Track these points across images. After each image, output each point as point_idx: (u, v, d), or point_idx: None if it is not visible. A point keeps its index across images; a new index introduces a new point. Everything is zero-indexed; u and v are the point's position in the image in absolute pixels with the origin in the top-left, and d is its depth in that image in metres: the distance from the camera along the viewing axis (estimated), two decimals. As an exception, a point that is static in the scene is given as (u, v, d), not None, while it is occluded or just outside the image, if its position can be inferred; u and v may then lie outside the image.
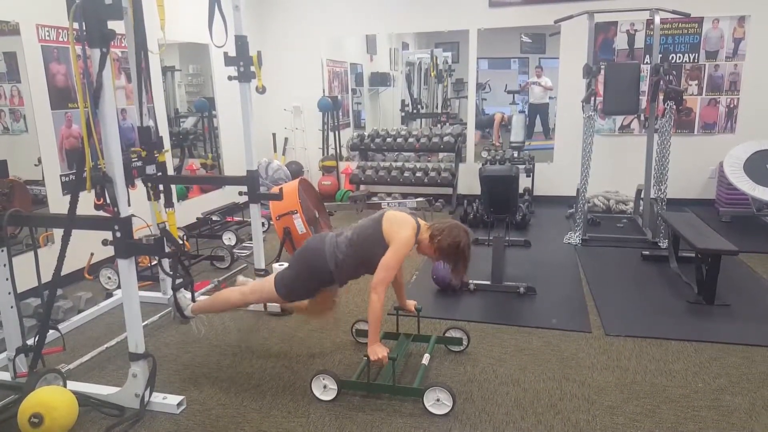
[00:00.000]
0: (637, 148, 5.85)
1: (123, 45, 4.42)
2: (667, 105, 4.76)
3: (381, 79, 8.50)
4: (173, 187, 4.25)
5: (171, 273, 2.94)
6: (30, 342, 2.70)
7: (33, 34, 3.98)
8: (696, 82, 6.14)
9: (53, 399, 2.41)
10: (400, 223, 2.67)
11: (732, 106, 6.11)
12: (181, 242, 4.48)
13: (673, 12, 4.99)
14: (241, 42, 3.48)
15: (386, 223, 2.69)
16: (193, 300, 3.09)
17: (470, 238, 2.72)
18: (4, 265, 2.66)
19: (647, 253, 4.71)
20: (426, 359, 2.86)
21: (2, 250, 2.64)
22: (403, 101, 8.64)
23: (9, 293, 2.70)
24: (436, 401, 2.57)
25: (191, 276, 3.04)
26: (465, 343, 3.15)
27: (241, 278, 3.18)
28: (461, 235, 2.68)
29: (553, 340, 3.29)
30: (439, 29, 6.91)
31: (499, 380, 2.86)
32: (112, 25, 2.26)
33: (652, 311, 3.66)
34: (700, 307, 3.68)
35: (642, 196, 5.44)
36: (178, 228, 3.80)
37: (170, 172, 3.32)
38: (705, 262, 3.71)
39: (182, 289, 3.10)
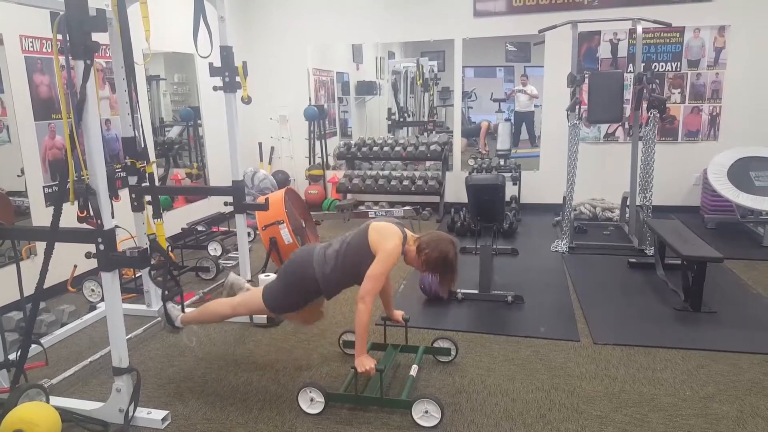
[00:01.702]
0: (622, 155, 5.90)
1: (107, 55, 4.39)
2: (651, 113, 4.81)
3: (367, 88, 8.52)
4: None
5: (160, 284, 2.90)
6: (12, 357, 2.65)
7: (16, 45, 3.94)
8: (679, 90, 6.22)
9: (36, 415, 2.36)
10: (385, 234, 2.66)
11: (714, 113, 6.19)
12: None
13: (655, 22, 5.05)
14: (226, 52, 3.47)
15: (372, 233, 2.67)
16: (183, 311, 3.05)
17: (457, 250, 2.72)
18: (-15, 280, 2.61)
19: (634, 260, 4.74)
20: (414, 370, 2.85)
21: (-18, 264, 2.59)
22: (389, 110, 8.66)
23: (-11, 308, 2.65)
24: (425, 413, 2.55)
25: (180, 286, 3.03)
26: (453, 353, 3.14)
27: (232, 275, 3.15)
28: (449, 247, 2.68)
29: (541, 349, 3.29)
30: (425, 38, 6.95)
31: (487, 391, 2.85)
32: (96, 36, 2.24)
33: (640, 319, 3.68)
34: (687, 315, 3.71)
35: (628, 203, 5.48)
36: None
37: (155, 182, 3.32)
38: (691, 269, 3.74)
39: (170, 300, 3.07)
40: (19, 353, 2.58)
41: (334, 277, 2.72)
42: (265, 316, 3.68)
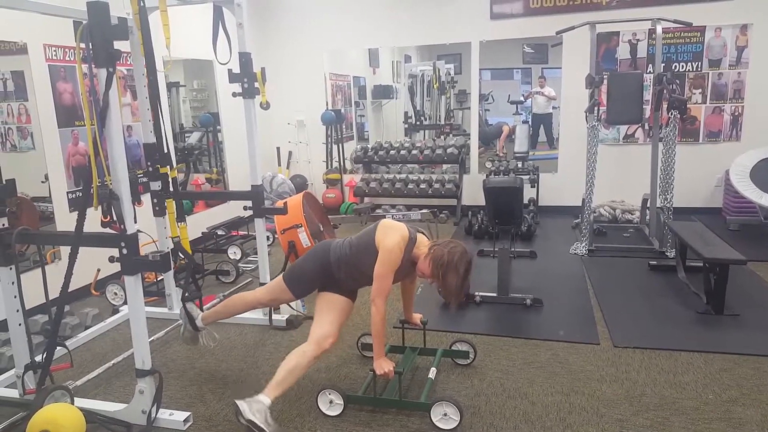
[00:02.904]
0: (641, 157, 5.84)
1: (128, 63, 4.47)
2: (671, 114, 4.76)
3: (384, 92, 8.56)
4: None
5: (183, 285, 2.98)
6: (38, 359, 2.70)
7: (40, 53, 4.03)
8: (700, 90, 6.14)
9: (61, 416, 2.41)
10: (389, 231, 2.63)
11: (737, 113, 6.10)
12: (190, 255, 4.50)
13: (675, 21, 5.00)
14: (245, 59, 3.51)
15: (379, 230, 2.66)
16: (202, 310, 3.10)
17: (468, 262, 2.59)
18: (13, 283, 2.67)
19: (654, 263, 4.68)
20: (432, 373, 2.85)
21: (11, 268, 2.65)
22: (406, 113, 8.69)
23: (17, 310, 2.71)
24: (444, 416, 2.55)
25: (200, 289, 3.09)
26: (472, 356, 3.13)
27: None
28: (458, 256, 2.55)
29: (560, 352, 3.27)
30: (442, 42, 6.95)
31: (506, 394, 2.84)
32: (118, 44, 2.29)
33: (661, 322, 3.63)
34: (709, 318, 3.65)
35: (648, 205, 5.42)
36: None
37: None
38: (713, 271, 3.69)
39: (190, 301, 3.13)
40: (44, 355, 2.64)
41: (346, 265, 2.71)
42: (285, 319, 3.72)
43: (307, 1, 7.09)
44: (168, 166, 3.18)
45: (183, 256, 3.03)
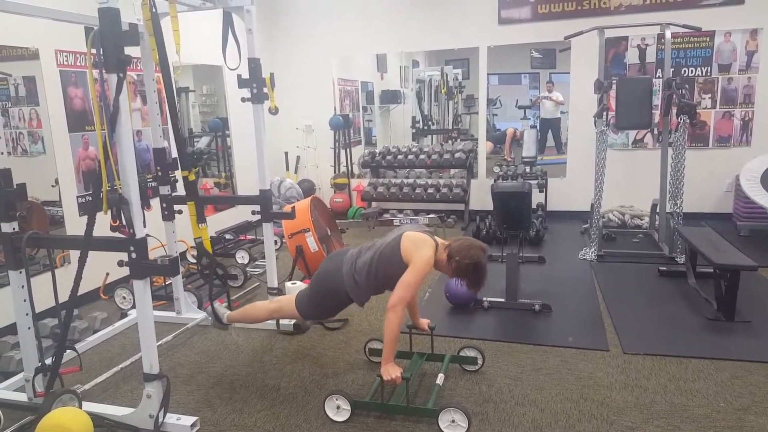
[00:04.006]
0: (651, 162, 5.81)
1: (138, 68, 4.50)
2: (681, 119, 4.73)
3: (391, 97, 8.57)
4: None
5: (208, 284, 3.13)
6: (47, 362, 2.71)
7: (52, 59, 4.07)
8: (709, 95, 6.10)
9: (69, 420, 2.42)
10: (419, 244, 2.69)
11: (747, 118, 6.06)
12: (194, 261, 4.52)
13: (684, 26, 4.98)
14: (254, 64, 3.52)
15: (406, 242, 2.70)
16: (230, 308, 3.22)
17: (487, 255, 2.74)
18: (23, 287, 2.69)
19: (664, 268, 4.64)
20: (440, 379, 2.83)
21: (21, 272, 2.67)
22: (413, 118, 8.69)
23: (27, 314, 2.72)
24: (451, 422, 2.53)
25: (227, 286, 3.31)
26: (480, 362, 3.11)
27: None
28: (479, 254, 2.70)
29: (569, 358, 3.25)
30: (449, 47, 6.95)
31: (515, 400, 2.82)
32: (128, 50, 2.30)
33: (671, 328, 3.60)
34: (719, 324, 3.62)
35: (658, 210, 5.38)
36: (192, 246, 3.83)
37: (182, 191, 3.36)
38: (724, 277, 3.65)
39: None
40: (53, 359, 2.65)
41: (364, 287, 2.77)
42: (292, 323, 3.72)
43: (316, 8, 7.12)
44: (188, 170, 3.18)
45: (195, 259, 3.09)
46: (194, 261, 4.44)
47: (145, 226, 2.48)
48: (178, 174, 3.28)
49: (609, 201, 5.97)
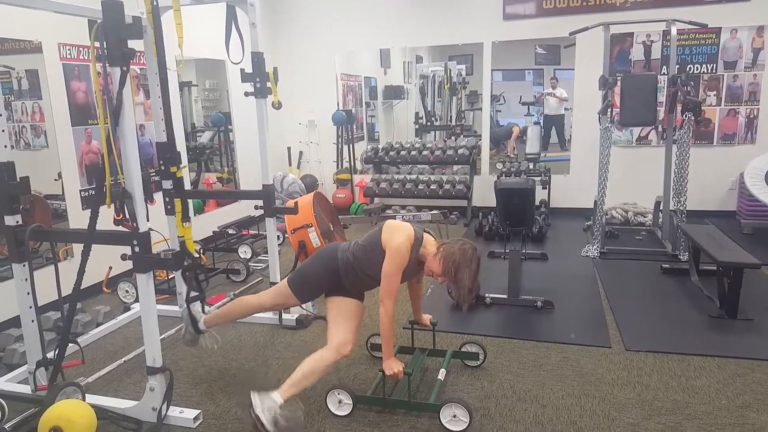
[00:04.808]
0: (655, 159, 5.79)
1: (142, 62, 4.50)
2: (686, 116, 4.71)
3: (395, 92, 8.56)
4: (190, 201, 4.29)
5: (188, 286, 2.93)
6: (50, 355, 2.72)
7: (55, 52, 4.06)
8: (714, 92, 6.08)
9: (72, 412, 2.42)
10: (394, 231, 2.63)
11: (752, 116, 6.03)
12: (197, 256, 4.52)
13: (690, 23, 4.95)
14: (257, 58, 3.52)
15: (385, 231, 2.66)
16: (204, 312, 3.08)
17: (478, 260, 2.62)
18: (26, 280, 2.69)
19: (667, 266, 4.64)
20: (442, 374, 2.84)
21: (24, 265, 2.68)
22: (417, 114, 8.68)
23: (30, 307, 2.73)
24: (453, 417, 2.54)
25: (204, 291, 3.05)
26: (481, 357, 3.11)
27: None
28: (472, 262, 2.57)
29: (571, 355, 3.25)
30: (453, 42, 6.93)
31: (517, 396, 2.82)
32: (132, 43, 2.30)
33: (673, 326, 3.60)
34: (722, 322, 3.61)
35: (661, 208, 5.37)
36: (195, 241, 3.83)
37: (187, 186, 3.35)
38: (727, 275, 3.65)
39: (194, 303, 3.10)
40: (56, 352, 2.66)
41: (353, 269, 2.71)
42: (294, 318, 3.72)
43: (320, 2, 7.11)
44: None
45: (197, 254, 3.03)
46: (196, 255, 4.43)
47: (148, 220, 2.48)
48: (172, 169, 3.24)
49: (612, 198, 5.96)
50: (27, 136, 3.99)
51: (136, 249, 2.42)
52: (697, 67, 6.06)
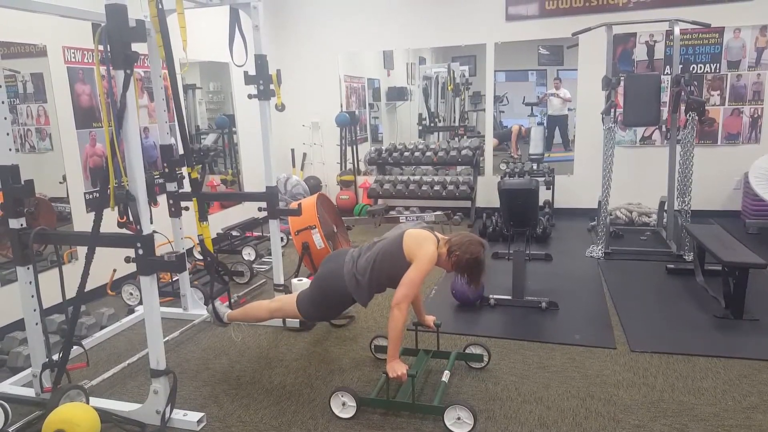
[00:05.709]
0: (659, 159, 5.77)
1: (146, 65, 4.51)
2: (689, 116, 4.69)
3: (398, 94, 8.56)
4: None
5: (209, 282, 3.13)
6: (54, 358, 2.73)
7: (59, 55, 4.08)
8: (718, 92, 6.05)
9: (76, 415, 2.43)
10: (421, 241, 2.69)
11: (756, 115, 6.00)
12: (200, 256, 4.52)
13: (693, 22, 4.94)
14: (260, 61, 3.53)
15: (408, 240, 2.71)
16: (231, 307, 3.22)
17: (486, 250, 2.75)
18: (30, 283, 2.70)
19: (672, 266, 4.62)
20: (446, 376, 2.83)
21: (28, 268, 2.68)
22: (420, 115, 8.67)
23: (35, 310, 2.74)
24: (457, 419, 2.53)
25: (227, 283, 3.31)
26: (486, 359, 3.11)
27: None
28: (479, 249, 2.69)
29: (576, 356, 3.23)
30: (456, 44, 6.92)
31: (521, 398, 2.81)
32: (135, 46, 2.31)
33: (679, 326, 3.58)
34: (728, 322, 3.59)
35: (665, 208, 5.35)
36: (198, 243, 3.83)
37: (187, 188, 3.39)
38: (732, 275, 3.63)
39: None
40: (61, 354, 2.66)
41: (366, 287, 2.76)
42: (298, 320, 3.72)
43: (323, 4, 7.11)
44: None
45: (201, 256, 3.10)
46: (200, 258, 4.45)
47: (152, 223, 2.48)
48: (186, 171, 3.28)
49: (616, 198, 5.95)
50: (32, 139, 4.01)
51: (140, 251, 2.42)
52: (701, 67, 6.03)
